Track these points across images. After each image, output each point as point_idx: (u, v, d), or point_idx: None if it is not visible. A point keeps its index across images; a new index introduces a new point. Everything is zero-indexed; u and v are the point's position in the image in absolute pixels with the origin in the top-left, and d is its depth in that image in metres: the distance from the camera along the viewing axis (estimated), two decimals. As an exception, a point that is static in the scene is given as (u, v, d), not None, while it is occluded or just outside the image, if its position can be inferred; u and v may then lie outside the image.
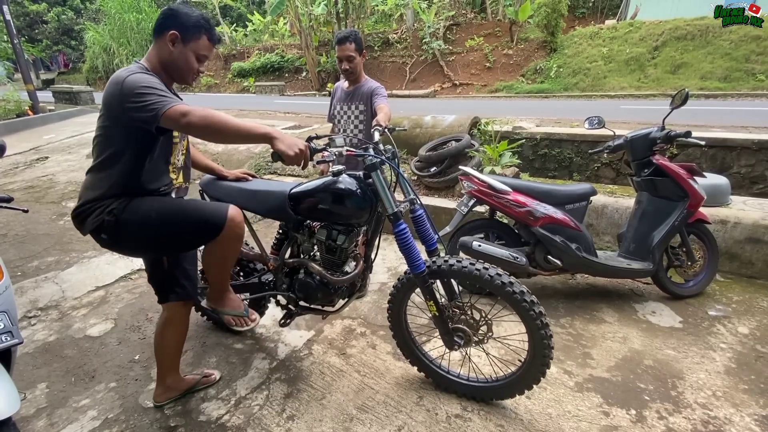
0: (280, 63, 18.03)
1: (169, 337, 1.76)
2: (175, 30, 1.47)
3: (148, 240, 1.54)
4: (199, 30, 1.51)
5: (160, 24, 1.49)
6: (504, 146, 3.64)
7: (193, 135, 1.33)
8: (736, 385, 1.93)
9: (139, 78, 1.37)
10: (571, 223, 2.44)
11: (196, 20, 1.50)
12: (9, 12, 8.18)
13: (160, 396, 1.84)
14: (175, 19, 1.48)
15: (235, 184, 1.94)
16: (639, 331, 2.34)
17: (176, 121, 1.27)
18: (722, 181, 3.06)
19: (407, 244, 1.65)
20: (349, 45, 2.35)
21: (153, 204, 1.51)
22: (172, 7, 1.50)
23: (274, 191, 1.85)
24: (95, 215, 1.47)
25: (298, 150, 1.30)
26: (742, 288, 2.73)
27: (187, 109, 1.28)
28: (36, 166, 5.89)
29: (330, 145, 1.54)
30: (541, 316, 1.56)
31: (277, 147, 1.29)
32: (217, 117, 1.28)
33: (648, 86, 11.17)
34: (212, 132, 1.29)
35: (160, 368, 1.82)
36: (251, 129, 1.32)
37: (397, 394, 1.89)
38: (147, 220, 1.48)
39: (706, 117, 6.29)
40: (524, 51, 13.93)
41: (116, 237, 1.51)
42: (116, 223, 1.46)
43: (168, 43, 1.48)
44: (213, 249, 1.60)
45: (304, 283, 1.86)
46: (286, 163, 1.30)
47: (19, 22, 25.60)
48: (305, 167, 1.36)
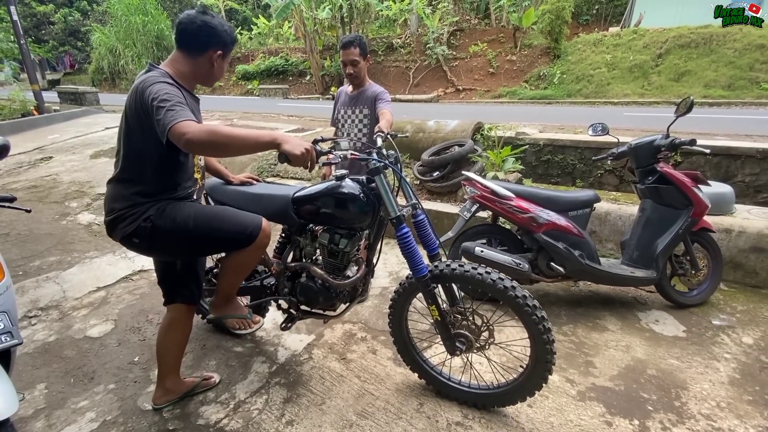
0: (285, 66, 18.14)
1: (172, 339, 1.76)
2: (218, 49, 1.51)
3: (182, 245, 1.58)
4: (234, 43, 1.58)
5: (202, 42, 1.49)
6: (507, 152, 3.63)
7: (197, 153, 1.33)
8: (741, 396, 1.91)
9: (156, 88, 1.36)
10: (574, 229, 2.43)
11: (232, 36, 1.57)
12: (17, 13, 8.25)
13: (159, 398, 1.83)
14: (219, 38, 1.50)
15: (240, 188, 1.94)
16: (642, 339, 2.31)
17: (178, 140, 1.26)
18: (726, 190, 3.05)
19: (410, 248, 1.65)
20: (353, 49, 2.36)
21: (190, 211, 1.55)
22: (210, 24, 1.48)
23: (278, 195, 1.85)
24: (129, 221, 1.49)
25: (304, 150, 1.30)
26: (747, 297, 2.71)
27: (187, 127, 1.25)
28: (40, 166, 5.92)
29: (335, 147, 1.55)
30: (543, 321, 1.55)
31: (283, 148, 1.29)
32: (221, 132, 1.27)
33: (651, 94, 11.18)
34: (216, 147, 1.29)
35: (161, 370, 1.81)
36: (257, 137, 1.30)
37: (397, 400, 1.88)
38: (184, 226, 1.52)
39: (710, 125, 6.28)
40: (528, 57, 13.97)
41: (150, 242, 1.54)
42: (152, 228, 1.49)
43: (212, 61, 1.52)
44: (238, 257, 1.65)
45: (306, 286, 1.86)
46: (293, 163, 1.30)
47: (26, 23, 25.86)
48: (312, 169, 1.36)
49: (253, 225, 1.60)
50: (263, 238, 1.61)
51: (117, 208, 1.52)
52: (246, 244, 1.59)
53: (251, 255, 1.64)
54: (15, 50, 11.51)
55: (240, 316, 1.81)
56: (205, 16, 1.50)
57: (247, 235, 1.58)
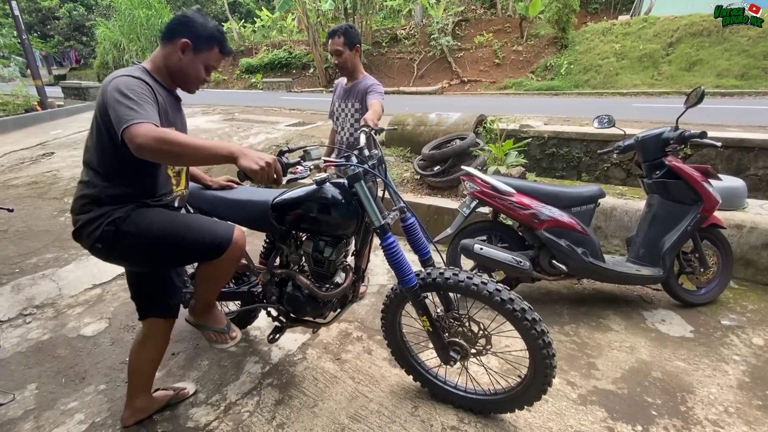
0: (288, 59, 18.00)
1: (145, 356, 1.65)
2: (187, 38, 1.42)
3: (144, 255, 1.47)
4: (213, 41, 1.47)
5: (171, 29, 1.43)
6: (509, 145, 3.53)
7: (148, 158, 1.20)
8: (750, 401, 1.83)
9: (121, 83, 1.27)
10: (577, 226, 2.34)
11: (211, 32, 1.46)
12: (18, 8, 8.23)
13: (128, 419, 1.71)
14: (190, 27, 1.42)
15: (219, 194, 1.84)
16: (647, 340, 2.23)
17: (130, 142, 1.16)
18: (738, 184, 2.93)
19: (396, 258, 1.55)
20: (337, 39, 2.27)
21: (155, 217, 1.44)
22: (188, 15, 1.43)
23: (257, 201, 1.75)
24: (95, 225, 1.40)
25: (264, 163, 1.18)
26: (758, 296, 2.61)
27: (139, 131, 1.15)
28: (41, 162, 5.92)
29: (305, 158, 1.41)
30: (543, 335, 1.47)
31: (240, 163, 1.18)
32: (173, 139, 1.16)
33: (662, 84, 10.91)
34: (168, 156, 1.20)
35: (132, 389, 1.69)
36: (213, 148, 1.19)
37: (391, 403, 1.83)
38: (147, 233, 1.41)
39: (722, 116, 6.09)
40: (534, 47, 13.71)
41: (111, 249, 1.43)
42: (115, 233, 1.40)
43: (178, 50, 1.42)
44: (210, 268, 1.53)
45: (293, 296, 1.77)
46: (254, 179, 1.20)
47: (31, 18, 25.96)
48: (279, 183, 1.25)
49: (223, 236, 1.46)
50: (234, 250, 1.47)
51: (84, 212, 1.42)
52: (215, 255, 1.47)
53: (223, 267, 1.52)
54: (17, 46, 11.53)
55: (217, 329, 1.68)
56: (189, 11, 1.44)
57: (215, 246, 1.45)
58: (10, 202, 4.17)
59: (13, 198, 4.40)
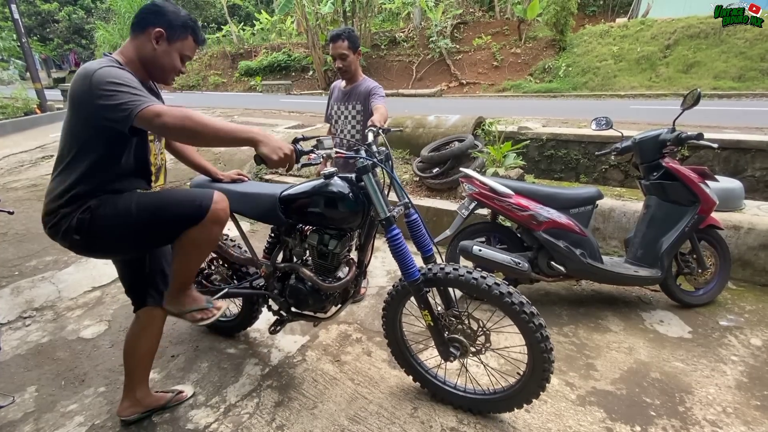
0: (287, 62, 18.03)
1: (143, 346, 1.65)
2: (160, 28, 1.40)
3: (127, 235, 1.42)
4: (186, 30, 1.45)
5: (143, 18, 1.41)
6: (508, 147, 3.55)
7: (169, 137, 1.24)
8: (748, 401, 1.83)
9: (110, 72, 1.27)
10: (575, 227, 2.35)
11: (184, 20, 1.44)
12: (18, 11, 8.25)
13: (126, 409, 1.71)
14: (163, 16, 1.41)
15: (226, 186, 1.88)
16: (646, 341, 2.24)
17: (150, 122, 1.19)
18: (735, 185, 2.94)
19: (400, 250, 1.58)
20: (341, 42, 2.29)
21: (132, 197, 1.42)
22: (158, 4, 1.43)
23: (265, 194, 1.80)
24: (69, 218, 1.37)
25: (282, 154, 1.22)
26: (756, 297, 2.62)
27: (161, 109, 1.19)
28: (41, 165, 5.92)
29: (318, 146, 1.47)
30: (541, 329, 1.49)
31: (260, 151, 1.22)
32: (196, 118, 1.20)
33: (659, 86, 10.96)
34: (190, 134, 1.21)
35: (130, 380, 1.69)
36: (234, 131, 1.23)
37: (391, 404, 1.83)
38: (126, 212, 1.37)
39: (719, 118, 6.12)
40: (532, 50, 13.76)
41: (91, 237, 1.39)
42: (91, 220, 1.36)
43: (152, 40, 1.41)
44: (191, 233, 1.43)
45: (295, 288, 1.80)
46: (269, 166, 1.24)
47: (30, 21, 25.99)
48: (290, 170, 1.29)
49: (203, 197, 1.41)
50: (217, 211, 1.41)
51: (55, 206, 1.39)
52: (197, 218, 1.39)
53: (206, 231, 1.43)
54: (17, 49, 11.55)
55: (199, 308, 1.59)
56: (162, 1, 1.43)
57: (195, 207, 1.39)
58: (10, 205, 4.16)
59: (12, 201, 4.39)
